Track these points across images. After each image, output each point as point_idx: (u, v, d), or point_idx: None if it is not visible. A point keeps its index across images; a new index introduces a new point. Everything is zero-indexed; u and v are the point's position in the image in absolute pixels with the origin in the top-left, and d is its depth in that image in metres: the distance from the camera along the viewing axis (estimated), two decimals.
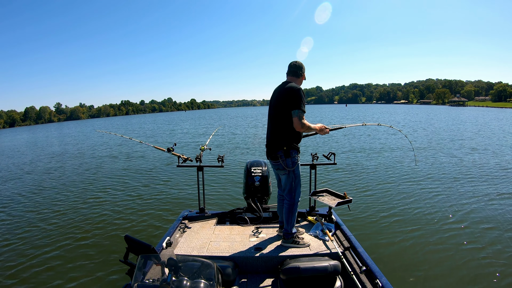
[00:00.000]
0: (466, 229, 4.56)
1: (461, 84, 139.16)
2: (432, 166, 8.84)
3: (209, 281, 1.48)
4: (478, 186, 6.75)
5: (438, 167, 8.75)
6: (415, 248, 4.06)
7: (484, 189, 6.48)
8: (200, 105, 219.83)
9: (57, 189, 7.99)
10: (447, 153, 11.01)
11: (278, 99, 2.65)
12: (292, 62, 2.76)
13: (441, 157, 10.34)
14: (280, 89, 2.67)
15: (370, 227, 4.73)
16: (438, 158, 10.06)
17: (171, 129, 31.13)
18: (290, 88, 2.56)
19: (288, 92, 2.55)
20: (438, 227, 4.66)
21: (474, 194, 6.18)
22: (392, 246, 4.12)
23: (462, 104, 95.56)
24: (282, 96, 2.59)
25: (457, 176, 7.68)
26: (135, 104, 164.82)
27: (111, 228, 5.10)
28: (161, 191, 7.25)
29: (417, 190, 6.57)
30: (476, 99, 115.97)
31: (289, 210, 2.69)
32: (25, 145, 23.85)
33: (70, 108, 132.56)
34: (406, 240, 4.27)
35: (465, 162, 9.42)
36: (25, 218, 5.80)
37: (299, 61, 2.76)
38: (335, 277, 2.30)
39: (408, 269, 3.58)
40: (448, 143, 13.55)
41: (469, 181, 7.15)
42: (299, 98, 2.51)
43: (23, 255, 4.29)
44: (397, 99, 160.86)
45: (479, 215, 5.05)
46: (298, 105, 2.50)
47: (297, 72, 2.73)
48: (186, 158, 3.47)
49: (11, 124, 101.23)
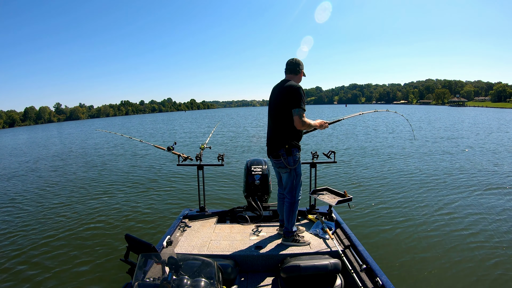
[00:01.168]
0: (467, 229, 4.56)
1: (460, 84, 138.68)
2: (434, 165, 8.84)
3: (210, 280, 1.48)
4: (485, 185, 6.74)
5: (440, 165, 8.75)
6: (416, 247, 4.06)
7: (494, 189, 6.42)
8: (200, 105, 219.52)
9: (57, 189, 7.99)
10: (450, 152, 11.01)
11: (278, 97, 2.64)
12: (289, 60, 2.75)
13: (443, 156, 10.34)
14: (280, 87, 2.65)
15: (371, 225, 4.73)
16: (440, 158, 10.06)
17: (171, 128, 31.16)
18: (290, 87, 2.55)
19: (288, 90, 2.55)
20: (438, 226, 4.66)
21: (479, 193, 6.17)
22: (392, 244, 4.12)
23: (462, 104, 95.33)
24: (282, 94, 2.59)
25: (460, 175, 7.68)
26: (134, 104, 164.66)
27: (111, 227, 5.10)
28: (162, 190, 7.26)
29: (418, 188, 6.57)
30: (476, 99, 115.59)
31: (290, 208, 2.69)
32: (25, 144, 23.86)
33: (69, 108, 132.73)
34: (407, 239, 4.28)
35: (469, 162, 9.42)
36: (25, 218, 5.80)
37: (296, 58, 2.75)
38: (335, 275, 2.30)
39: (408, 267, 3.59)
40: (449, 143, 13.55)
41: (473, 181, 7.16)
42: (299, 97, 2.51)
43: (23, 253, 4.30)
44: (396, 100, 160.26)
45: (483, 215, 5.05)
46: (298, 103, 2.50)
47: (296, 69, 2.72)
48: (186, 157, 3.47)
49: (10, 124, 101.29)
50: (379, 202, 5.74)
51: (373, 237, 4.34)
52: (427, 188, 6.52)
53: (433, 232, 4.46)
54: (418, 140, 9.35)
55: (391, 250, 3.98)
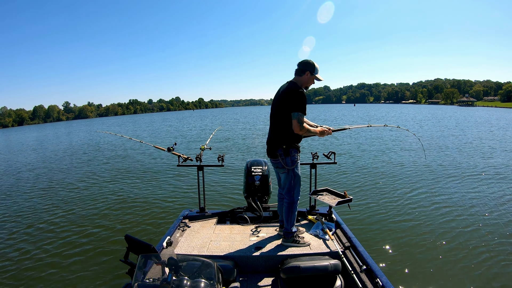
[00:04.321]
0: (468, 230, 4.55)
1: (469, 84, 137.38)
2: (435, 165, 8.83)
3: (210, 281, 1.48)
4: (483, 186, 6.74)
5: (441, 166, 8.75)
6: (416, 247, 4.06)
7: (492, 190, 6.40)
8: (208, 104, 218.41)
9: (56, 189, 7.99)
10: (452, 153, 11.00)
11: (280, 99, 2.64)
12: (301, 61, 2.69)
13: (446, 156, 10.33)
14: (283, 89, 2.66)
15: (371, 226, 4.73)
16: (442, 157, 10.06)
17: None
18: (292, 90, 2.56)
19: (290, 93, 2.55)
20: (438, 226, 4.66)
21: (478, 194, 6.16)
22: (392, 245, 4.12)
23: (471, 104, 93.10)
24: (284, 96, 2.59)
25: (461, 174, 7.67)
26: (143, 103, 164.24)
27: (111, 227, 5.10)
28: (162, 190, 7.26)
29: (418, 189, 6.57)
30: (485, 99, 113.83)
31: (289, 209, 2.69)
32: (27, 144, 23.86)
33: (78, 107, 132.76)
34: (406, 239, 4.27)
35: (472, 162, 9.41)
36: (25, 218, 5.80)
37: (307, 59, 2.68)
38: (335, 276, 2.30)
39: (408, 268, 3.58)
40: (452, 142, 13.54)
41: (474, 181, 7.15)
42: (300, 101, 2.50)
43: (23, 253, 4.29)
44: (405, 99, 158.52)
45: (482, 215, 5.05)
46: (298, 107, 2.50)
47: (300, 70, 2.68)
48: (186, 158, 3.47)
49: (19, 123, 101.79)
50: (380, 203, 5.74)
51: (373, 238, 4.34)
52: (428, 189, 6.51)
53: (433, 232, 4.45)
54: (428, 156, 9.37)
55: (392, 251, 3.98)
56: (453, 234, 4.40)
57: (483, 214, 5.05)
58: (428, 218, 4.95)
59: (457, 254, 3.86)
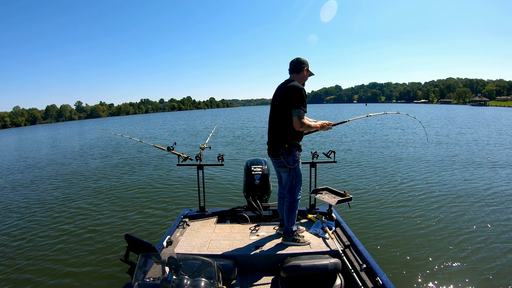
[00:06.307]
0: (468, 228, 4.56)
1: (482, 83, 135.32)
2: (435, 163, 8.84)
3: (210, 280, 1.48)
4: (485, 184, 6.74)
5: (441, 164, 8.75)
6: (416, 246, 4.06)
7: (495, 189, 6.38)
8: (219, 104, 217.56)
9: (56, 189, 7.99)
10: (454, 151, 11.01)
11: (279, 97, 2.64)
12: (292, 60, 2.75)
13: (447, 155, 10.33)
14: (282, 87, 2.66)
15: (371, 225, 4.73)
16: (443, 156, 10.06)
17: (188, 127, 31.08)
18: (291, 87, 2.56)
19: (289, 91, 2.55)
20: (438, 225, 4.67)
21: (479, 192, 6.17)
22: (392, 244, 4.12)
23: (484, 103, 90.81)
24: (284, 94, 2.59)
25: (461, 174, 7.68)
26: (154, 102, 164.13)
27: (111, 227, 5.10)
28: (161, 190, 7.26)
29: (418, 187, 6.57)
30: (498, 98, 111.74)
31: (290, 208, 2.69)
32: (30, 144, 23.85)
33: (90, 106, 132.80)
34: (407, 238, 4.28)
35: (473, 162, 9.41)
36: (25, 218, 5.80)
37: (299, 57, 2.73)
38: (335, 275, 2.30)
39: (408, 267, 3.59)
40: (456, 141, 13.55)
41: (475, 180, 7.15)
42: (300, 98, 2.51)
43: (23, 253, 4.30)
44: (417, 98, 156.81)
45: (482, 215, 5.05)
46: (298, 104, 2.50)
47: (298, 67, 2.71)
48: (186, 157, 3.47)
49: (32, 122, 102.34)
50: (380, 202, 5.74)
51: (373, 236, 4.34)
52: (428, 188, 6.52)
53: (433, 231, 4.46)
54: (429, 142, 9.26)
55: (391, 250, 3.98)
56: (455, 233, 4.40)
57: (486, 215, 5.05)
58: (429, 217, 4.95)
59: (458, 253, 3.87)
